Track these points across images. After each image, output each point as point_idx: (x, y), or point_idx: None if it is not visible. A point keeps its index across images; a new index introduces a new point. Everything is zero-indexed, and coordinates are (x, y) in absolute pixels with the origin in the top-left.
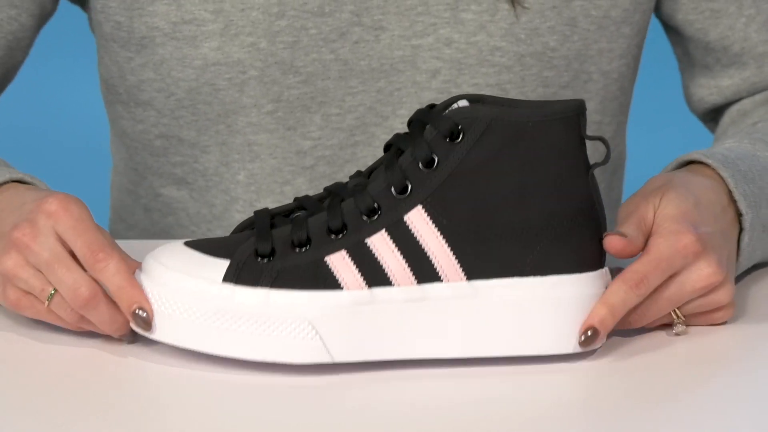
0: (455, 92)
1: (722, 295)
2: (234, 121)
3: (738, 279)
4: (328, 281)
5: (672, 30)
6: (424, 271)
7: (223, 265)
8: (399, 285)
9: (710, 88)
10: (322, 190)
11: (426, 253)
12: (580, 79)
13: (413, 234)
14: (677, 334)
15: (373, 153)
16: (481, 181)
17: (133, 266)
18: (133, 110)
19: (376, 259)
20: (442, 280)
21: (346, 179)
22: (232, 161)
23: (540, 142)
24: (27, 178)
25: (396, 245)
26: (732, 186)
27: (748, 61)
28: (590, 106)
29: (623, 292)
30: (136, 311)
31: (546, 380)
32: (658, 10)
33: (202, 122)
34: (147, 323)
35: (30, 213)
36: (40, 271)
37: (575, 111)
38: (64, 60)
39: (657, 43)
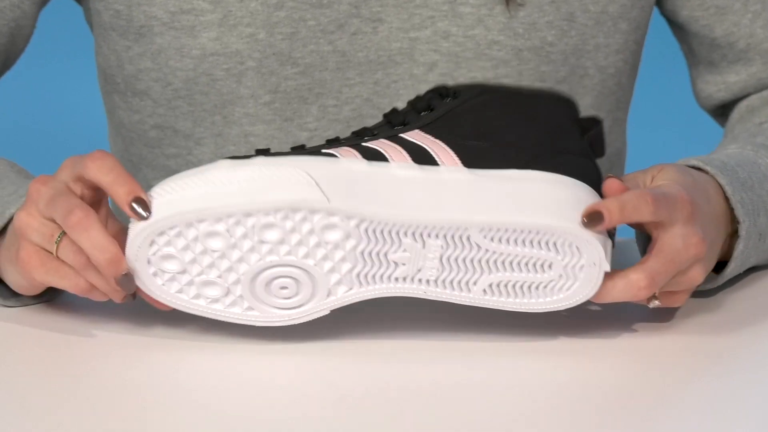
0: None
1: (697, 273)
2: (230, 112)
3: (736, 279)
4: (326, 155)
5: (677, 27)
6: (421, 157)
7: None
8: (396, 162)
9: (717, 85)
10: None
11: (425, 148)
12: (576, 74)
13: (411, 139)
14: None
15: None
16: (477, 118)
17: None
18: (129, 100)
19: (374, 148)
20: (439, 165)
21: None
22: (227, 153)
23: (535, 109)
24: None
25: (395, 143)
26: (729, 193)
27: (754, 57)
28: (586, 101)
29: (638, 199)
30: (132, 203)
31: (542, 371)
32: (661, 7)
33: (198, 113)
34: (143, 213)
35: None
36: (51, 220)
37: (566, 96)
38: (64, 57)
39: (657, 40)
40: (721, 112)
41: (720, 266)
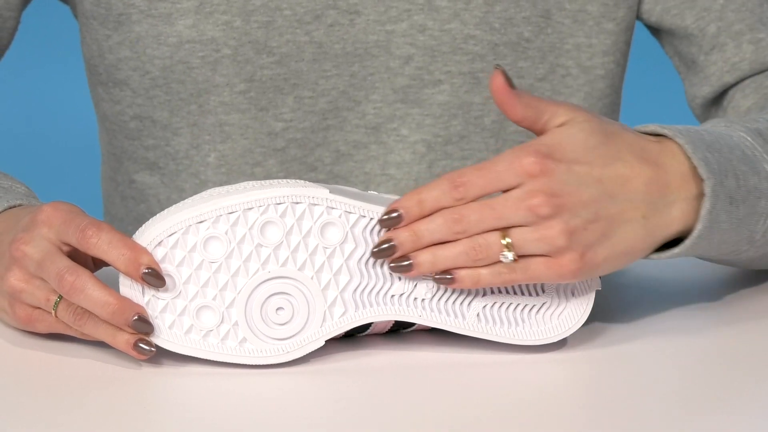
0: (428, 79)
1: (554, 232)
2: (206, 100)
3: (737, 280)
4: None
5: (659, 32)
6: None
7: None
8: None
9: (701, 81)
10: (292, 173)
11: None
12: (557, 73)
13: None
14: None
15: (345, 137)
16: None
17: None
18: (111, 90)
19: None
20: None
21: (316, 163)
22: (202, 143)
23: None
24: (24, 202)
25: None
26: (690, 152)
27: (725, 41)
28: (573, 102)
29: (439, 190)
30: (145, 271)
31: (537, 371)
32: (640, 11)
33: (175, 102)
34: (159, 279)
35: (25, 225)
36: (43, 280)
37: None
38: (57, 57)
39: (649, 40)
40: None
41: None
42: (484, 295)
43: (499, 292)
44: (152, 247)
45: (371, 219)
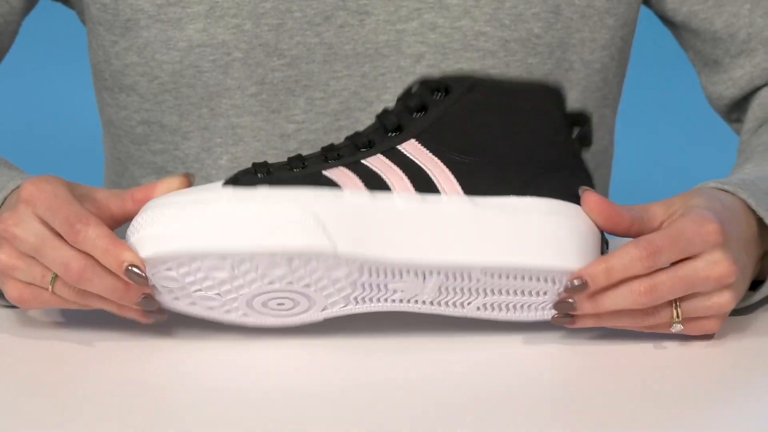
0: None
1: (725, 300)
2: (217, 104)
3: None
4: (329, 184)
5: (678, 28)
6: (422, 183)
7: (219, 183)
8: (398, 192)
9: (725, 83)
10: None
11: (423, 170)
12: (561, 67)
13: (409, 156)
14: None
15: None
16: (469, 125)
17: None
18: (117, 96)
19: (374, 172)
20: (440, 193)
21: None
22: (213, 146)
23: (523, 104)
24: (12, 185)
25: (393, 163)
26: (754, 205)
27: (756, 47)
28: (572, 96)
29: (629, 258)
30: (128, 268)
31: (536, 369)
32: (662, 8)
33: (185, 106)
34: (141, 276)
35: (9, 204)
36: (36, 258)
37: (554, 85)
38: (62, 58)
39: (651, 41)
40: (736, 117)
41: (755, 284)
42: (486, 296)
43: (501, 294)
44: (157, 263)
45: (375, 262)
